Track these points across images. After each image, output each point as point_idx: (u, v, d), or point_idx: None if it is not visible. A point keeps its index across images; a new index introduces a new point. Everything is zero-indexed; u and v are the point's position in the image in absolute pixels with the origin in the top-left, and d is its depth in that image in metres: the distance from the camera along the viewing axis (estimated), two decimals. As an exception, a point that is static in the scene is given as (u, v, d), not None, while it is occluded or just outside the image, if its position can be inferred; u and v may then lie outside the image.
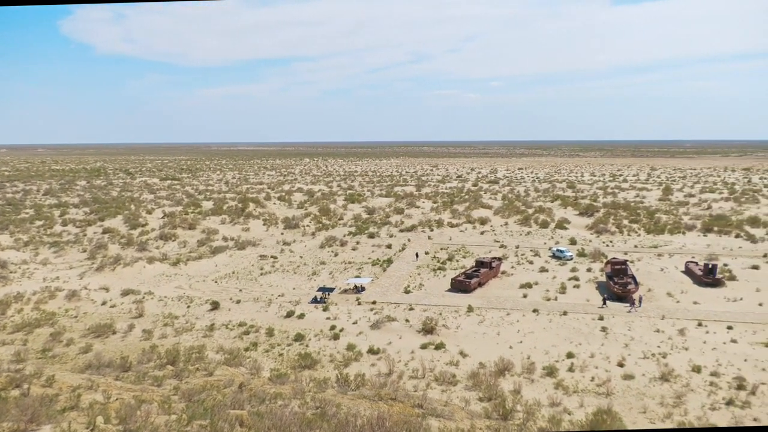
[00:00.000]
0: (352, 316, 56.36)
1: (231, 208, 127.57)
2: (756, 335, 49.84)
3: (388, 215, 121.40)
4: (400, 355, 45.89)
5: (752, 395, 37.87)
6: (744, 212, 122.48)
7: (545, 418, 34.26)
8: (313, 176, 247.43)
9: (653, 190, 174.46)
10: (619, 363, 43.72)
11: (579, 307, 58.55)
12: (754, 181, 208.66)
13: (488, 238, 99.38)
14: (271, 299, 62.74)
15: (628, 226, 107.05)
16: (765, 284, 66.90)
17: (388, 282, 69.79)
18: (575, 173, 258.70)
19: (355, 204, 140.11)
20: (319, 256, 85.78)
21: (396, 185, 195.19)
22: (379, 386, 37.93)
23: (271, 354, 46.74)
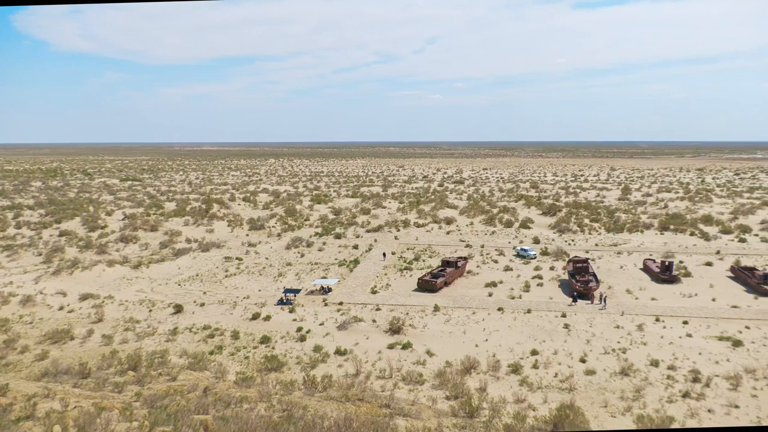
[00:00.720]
0: (318, 317, 56.08)
1: (194, 210, 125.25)
2: (710, 329, 51.78)
3: (354, 216, 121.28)
4: (368, 355, 45.90)
5: (707, 387, 39.32)
6: (698, 211, 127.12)
7: (510, 414, 34.79)
8: (278, 177, 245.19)
9: (613, 189, 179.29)
10: (581, 359, 44.77)
11: (543, 305, 59.70)
12: (707, 181, 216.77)
13: (454, 238, 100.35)
14: (237, 301, 61.86)
15: (589, 225, 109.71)
16: (718, 280, 69.59)
17: (355, 282, 69.72)
18: (538, 173, 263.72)
19: (321, 204, 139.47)
20: (285, 257, 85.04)
21: (362, 185, 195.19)
22: (346, 387, 37.87)
23: (237, 357, 46.09)
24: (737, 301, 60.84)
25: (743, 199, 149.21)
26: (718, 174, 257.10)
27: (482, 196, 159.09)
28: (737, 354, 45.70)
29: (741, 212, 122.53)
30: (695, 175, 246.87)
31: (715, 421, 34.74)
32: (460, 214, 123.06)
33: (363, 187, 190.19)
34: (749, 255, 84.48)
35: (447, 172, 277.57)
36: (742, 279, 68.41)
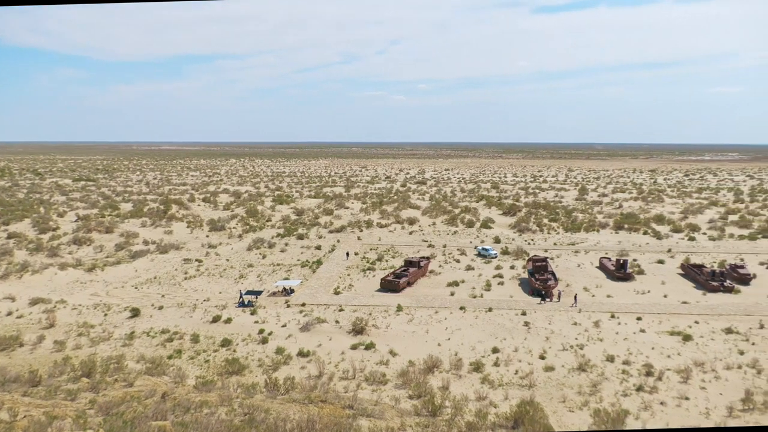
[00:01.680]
0: (281, 319, 55.52)
1: (152, 210, 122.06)
2: (662, 325, 53.71)
3: (317, 216, 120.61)
4: (331, 356, 45.73)
5: (659, 381, 40.77)
6: (651, 211, 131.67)
7: (472, 412, 35.24)
8: (239, 177, 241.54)
9: (570, 190, 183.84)
10: (541, 356, 45.74)
11: (504, 304, 60.71)
12: (659, 181, 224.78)
13: (417, 238, 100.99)
14: (196, 304, 60.62)
15: (548, 225, 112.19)
16: (669, 277, 72.27)
17: (318, 283, 69.34)
18: (499, 174, 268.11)
19: (283, 205, 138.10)
20: (246, 258, 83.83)
21: (325, 186, 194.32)
22: (309, 389, 37.62)
23: (197, 361, 45.17)
24: (687, 297, 63.31)
25: (692, 200, 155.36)
26: (669, 175, 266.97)
27: (444, 196, 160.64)
28: (687, 348, 47.55)
29: (690, 212, 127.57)
30: (648, 176, 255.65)
31: (666, 413, 36.04)
32: (422, 215, 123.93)
33: (326, 187, 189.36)
34: (698, 253, 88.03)
35: (410, 172, 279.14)
36: (692, 276, 71.22)
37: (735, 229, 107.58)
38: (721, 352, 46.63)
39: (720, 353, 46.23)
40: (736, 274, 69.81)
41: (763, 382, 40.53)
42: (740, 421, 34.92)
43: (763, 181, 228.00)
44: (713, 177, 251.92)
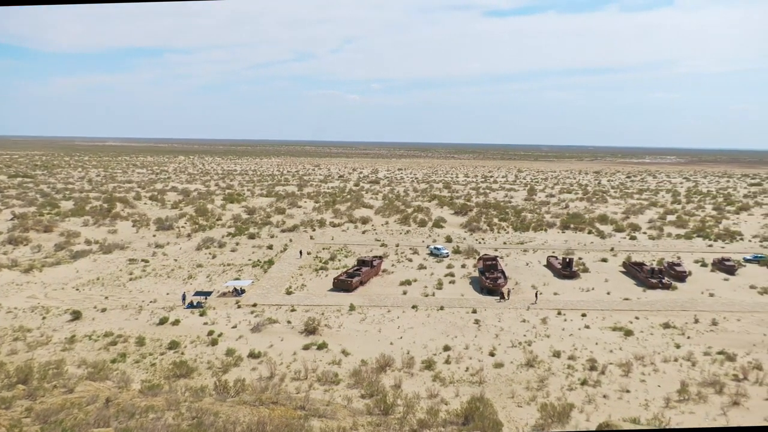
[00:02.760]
0: (231, 320, 54.46)
1: (95, 209, 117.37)
2: (605, 321, 55.83)
3: (269, 215, 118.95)
4: (282, 357, 45.21)
5: (602, 375, 42.36)
6: (595, 211, 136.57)
7: (424, 409, 35.60)
8: (188, 175, 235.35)
9: (520, 190, 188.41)
10: (491, 352, 46.70)
11: (455, 302, 61.62)
12: (603, 183, 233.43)
13: (369, 237, 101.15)
14: (142, 306, 58.67)
15: (498, 224, 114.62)
16: (612, 275, 75.18)
17: (270, 283, 68.41)
18: (451, 174, 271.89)
19: (234, 204, 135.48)
20: (195, 258, 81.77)
21: (277, 185, 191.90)
22: (260, 391, 37.08)
23: (142, 364, 43.72)
24: (628, 294, 66.06)
25: (634, 200, 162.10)
26: (613, 177, 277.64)
27: (397, 196, 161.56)
28: (628, 343, 49.61)
29: (632, 212, 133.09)
30: (593, 178, 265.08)
31: (609, 406, 37.47)
32: (375, 214, 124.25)
33: (278, 186, 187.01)
34: (639, 251, 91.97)
35: (363, 171, 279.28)
36: (633, 274, 74.34)
37: (672, 229, 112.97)
38: (659, 346, 48.87)
39: (658, 347, 48.45)
40: (673, 272, 73.33)
41: (697, 373, 42.75)
42: (675, 411, 36.69)
43: (699, 183, 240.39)
44: (653, 179, 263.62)
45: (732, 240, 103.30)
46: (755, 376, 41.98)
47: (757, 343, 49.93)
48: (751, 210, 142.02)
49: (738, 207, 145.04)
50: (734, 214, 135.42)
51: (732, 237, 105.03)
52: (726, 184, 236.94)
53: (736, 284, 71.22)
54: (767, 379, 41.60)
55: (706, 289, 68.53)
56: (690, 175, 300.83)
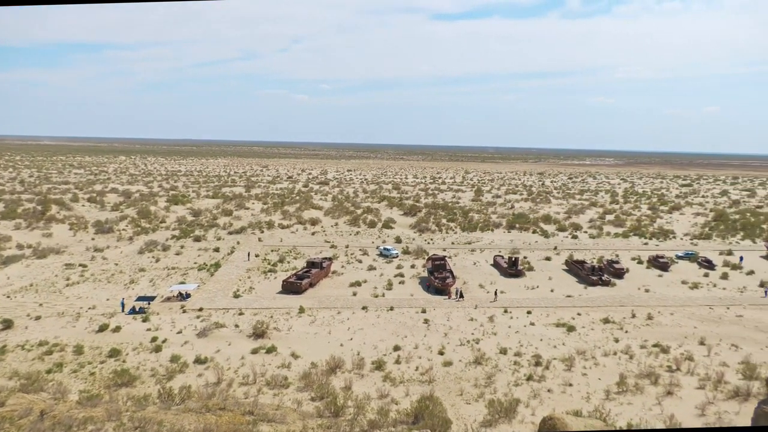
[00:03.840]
0: (176, 325, 52.87)
1: (28, 211, 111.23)
2: (549, 317, 57.65)
3: (215, 217, 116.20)
4: (230, 362, 44.29)
5: (546, 370, 43.74)
6: (539, 211, 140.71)
7: (374, 410, 35.70)
8: (130, 175, 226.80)
9: (467, 191, 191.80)
10: (440, 351, 47.34)
11: (404, 302, 62.10)
12: (547, 183, 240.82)
13: (319, 239, 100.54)
14: (80, 313, 56.08)
15: (446, 225, 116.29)
16: (555, 273, 77.71)
17: (216, 287, 66.86)
18: (400, 175, 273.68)
19: (179, 206, 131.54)
20: (137, 262, 78.90)
21: (224, 186, 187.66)
22: (206, 397, 36.17)
23: (81, 374, 41.82)
24: (571, 291, 68.48)
25: (575, 201, 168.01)
26: (555, 178, 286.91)
27: (347, 197, 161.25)
28: (571, 338, 51.42)
29: (573, 212, 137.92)
30: (537, 179, 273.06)
31: (553, 399, 38.72)
32: (325, 215, 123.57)
33: (225, 187, 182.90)
34: (580, 250, 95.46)
35: (312, 172, 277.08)
36: (575, 271, 77.09)
37: (611, 228, 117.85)
38: (599, 340, 50.90)
39: (598, 342, 50.46)
40: (612, 269, 76.51)
41: (635, 366, 44.79)
42: (615, 403, 38.31)
43: (635, 184, 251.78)
44: (593, 180, 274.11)
45: (665, 238, 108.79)
46: (687, 367, 44.40)
47: (688, 335, 52.80)
48: (682, 209, 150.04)
49: (670, 207, 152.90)
50: (667, 213, 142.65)
51: (665, 235, 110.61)
52: (660, 185, 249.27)
53: (669, 280, 75.07)
54: (698, 369, 44.09)
55: (642, 285, 71.90)
56: (627, 176, 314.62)
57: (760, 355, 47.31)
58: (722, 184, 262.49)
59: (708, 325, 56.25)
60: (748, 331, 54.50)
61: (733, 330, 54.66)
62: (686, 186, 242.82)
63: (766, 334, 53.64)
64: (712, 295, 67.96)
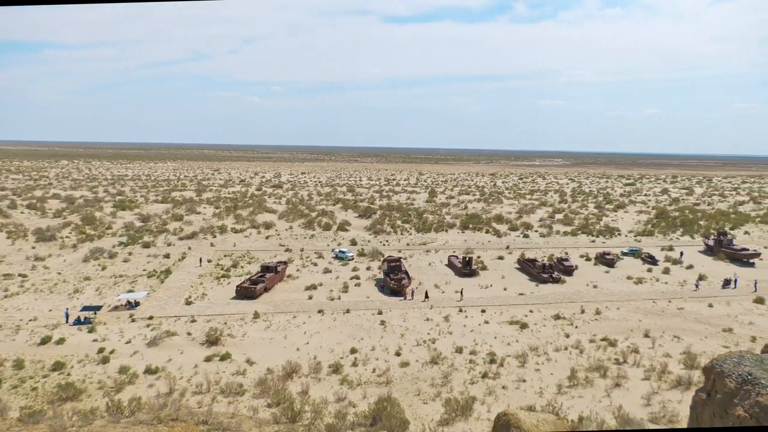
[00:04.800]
0: (124, 335, 51.04)
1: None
2: (502, 315, 58.81)
3: (165, 222, 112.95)
4: (183, 371, 43.09)
5: (501, 367, 44.59)
6: (491, 211, 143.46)
7: (332, 414, 35.51)
8: (73, 181, 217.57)
9: (421, 192, 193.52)
10: (397, 352, 47.53)
11: (361, 304, 62.04)
12: (498, 184, 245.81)
13: (273, 243, 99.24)
14: (20, 325, 53.32)
15: (401, 226, 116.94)
16: (508, 272, 79.38)
17: (167, 294, 64.96)
18: (354, 178, 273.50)
19: (126, 211, 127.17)
20: (82, 271, 75.75)
21: (174, 190, 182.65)
22: (158, 408, 35.05)
23: (22, 390, 39.75)
24: (523, 289, 70.09)
25: (526, 200, 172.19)
26: (507, 178, 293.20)
27: (301, 200, 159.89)
28: (524, 335, 52.61)
29: (524, 211, 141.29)
30: (489, 180, 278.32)
31: (508, 396, 39.51)
32: (279, 219, 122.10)
33: (174, 191, 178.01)
34: (531, 248, 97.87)
35: (265, 176, 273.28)
36: (526, 270, 78.96)
37: (560, 227, 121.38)
38: (551, 336, 52.29)
39: (550, 337, 51.84)
40: (562, 267, 78.79)
41: (585, 360, 46.25)
42: (567, 396, 39.44)
43: (582, 183, 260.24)
44: (542, 180, 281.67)
45: (611, 235, 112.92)
46: (633, 359, 46.18)
47: (633, 328, 54.94)
48: (626, 208, 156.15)
49: (615, 205, 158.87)
50: (612, 212, 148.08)
51: (611, 233, 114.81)
52: (605, 184, 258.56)
53: (615, 276, 77.95)
54: (643, 360, 45.94)
55: (590, 281, 74.38)
56: (574, 176, 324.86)
57: (699, 345, 49.75)
58: (663, 183, 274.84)
59: (652, 318, 58.71)
60: (688, 322, 57.21)
61: (675, 322, 57.24)
62: (630, 185, 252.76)
63: (705, 325, 56.47)
64: (655, 290, 71.01)
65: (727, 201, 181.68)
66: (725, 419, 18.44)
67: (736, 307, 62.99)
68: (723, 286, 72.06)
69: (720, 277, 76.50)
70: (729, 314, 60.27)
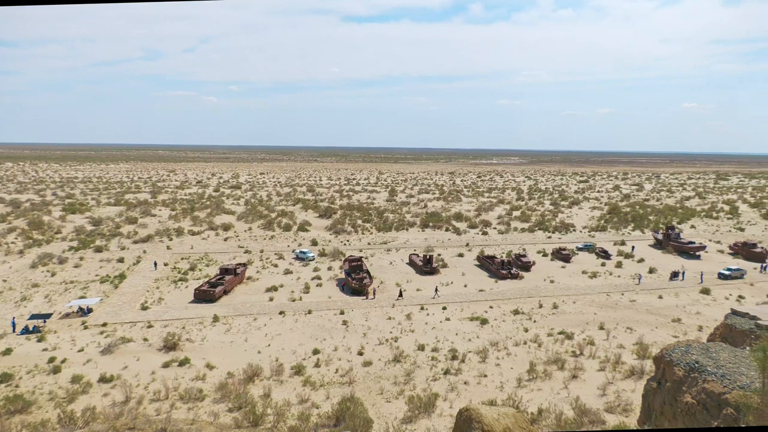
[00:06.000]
0: (77, 343, 49.23)
1: None
2: (463, 312, 59.59)
3: (118, 226, 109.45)
4: (139, 378, 41.89)
5: (462, 363, 45.18)
6: (451, 209, 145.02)
7: (295, 416, 35.23)
8: (18, 183, 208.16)
9: (381, 192, 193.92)
10: (359, 352, 47.52)
11: (322, 305, 61.73)
12: (457, 183, 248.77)
13: (232, 244, 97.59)
14: (-37, 336, 50.71)
15: (362, 226, 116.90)
16: (468, 269, 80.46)
17: (122, 300, 63.01)
18: (314, 177, 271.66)
19: (76, 215, 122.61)
20: (29, 277, 72.61)
21: (127, 192, 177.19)
22: (114, 417, 34.03)
23: (-35, 404, 37.79)
24: (483, 285, 71.19)
25: (484, 198, 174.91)
26: (465, 177, 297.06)
27: (260, 200, 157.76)
28: (484, 331, 53.46)
29: (483, 209, 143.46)
30: (448, 178, 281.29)
31: (469, 391, 40.07)
32: (237, 220, 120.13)
33: (128, 194, 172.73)
34: (490, 245, 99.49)
35: (223, 176, 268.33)
36: (486, 266, 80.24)
37: (518, 223, 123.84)
38: (510, 331, 53.32)
39: (510, 332, 52.86)
40: (520, 263, 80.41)
41: (543, 353, 47.36)
42: (527, 390, 40.30)
43: (538, 181, 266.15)
44: (500, 178, 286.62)
45: (567, 231, 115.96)
46: (589, 351, 47.58)
47: (589, 321, 56.61)
48: (581, 204, 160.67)
49: (570, 202, 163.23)
50: (568, 208, 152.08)
51: (567, 229, 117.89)
52: (560, 181, 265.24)
53: (571, 270, 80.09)
54: (598, 352, 47.39)
55: (547, 276, 76.19)
56: (531, 174, 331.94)
57: (651, 336, 51.69)
58: (615, 179, 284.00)
59: (606, 310, 60.62)
60: (640, 314, 59.35)
61: (627, 314, 59.28)
62: (583, 182, 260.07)
63: (655, 316, 58.71)
64: (609, 283, 73.35)
65: (674, 196, 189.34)
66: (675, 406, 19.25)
67: (684, 298, 65.75)
68: (671, 278, 75.04)
69: (669, 269, 79.66)
70: (678, 305, 62.85)
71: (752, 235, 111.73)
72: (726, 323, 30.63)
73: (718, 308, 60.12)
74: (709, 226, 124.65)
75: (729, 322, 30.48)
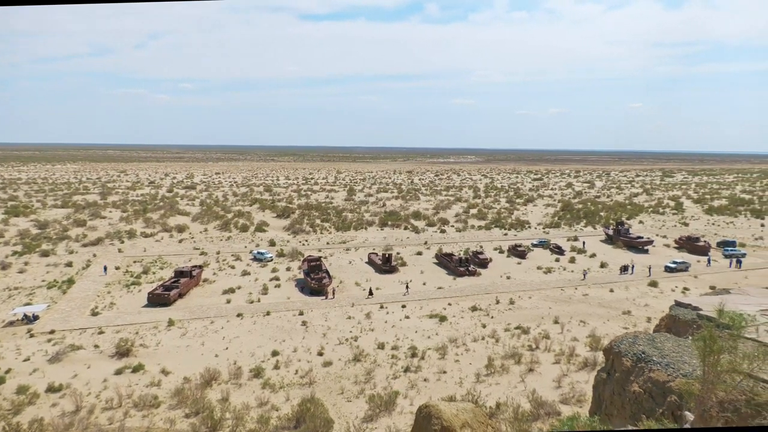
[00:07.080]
0: (22, 352, 47.14)
1: None
2: (422, 310, 60.15)
3: (66, 228, 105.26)
4: (90, 386, 40.48)
5: (422, 360, 45.63)
6: (409, 208, 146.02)
7: (254, 419, 34.81)
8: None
9: (340, 191, 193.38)
10: (319, 352, 47.33)
11: (281, 306, 61.14)
12: (415, 181, 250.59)
13: (187, 246, 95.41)
14: None
15: (320, 225, 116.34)
16: (426, 267, 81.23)
17: (70, 306, 60.69)
18: (271, 177, 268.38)
19: (20, 218, 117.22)
20: (-30, 284, 69.01)
21: (75, 194, 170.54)
22: (63, 428, 32.82)
23: None
24: (442, 283, 72.04)
25: (442, 197, 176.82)
26: (423, 176, 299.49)
27: (216, 201, 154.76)
28: (443, 328, 54.13)
29: (441, 207, 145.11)
30: (406, 177, 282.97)
31: (429, 388, 40.52)
32: (192, 221, 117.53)
33: (76, 195, 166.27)
34: (448, 243, 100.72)
35: (177, 176, 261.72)
36: (444, 264, 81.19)
37: (475, 221, 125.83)
38: (469, 327, 54.18)
39: (468, 329, 53.70)
40: (477, 260, 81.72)
41: (500, 348, 48.34)
42: (485, 384, 41.07)
43: (494, 179, 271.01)
44: (457, 177, 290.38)
45: (522, 228, 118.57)
46: (544, 345, 48.87)
47: (544, 316, 58.11)
48: (535, 201, 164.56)
49: (525, 199, 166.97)
50: (523, 205, 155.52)
51: (522, 226, 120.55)
52: (515, 179, 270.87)
53: (527, 266, 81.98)
54: (554, 345, 48.73)
55: (504, 272, 77.75)
56: (487, 172, 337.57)
57: (603, 328, 53.50)
58: (567, 177, 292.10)
59: (560, 305, 62.36)
60: (593, 307, 61.33)
61: (581, 308, 61.17)
62: (537, 180, 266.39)
63: (607, 309, 60.79)
64: (563, 278, 75.46)
65: (623, 193, 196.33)
66: (623, 396, 20.03)
67: (634, 291, 68.33)
68: (621, 272, 77.81)
69: (619, 263, 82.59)
70: (627, 298, 65.27)
71: (695, 230, 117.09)
72: (670, 314, 32.03)
73: (665, 300, 62.72)
74: (656, 222, 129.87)
75: (673, 313, 31.89)
